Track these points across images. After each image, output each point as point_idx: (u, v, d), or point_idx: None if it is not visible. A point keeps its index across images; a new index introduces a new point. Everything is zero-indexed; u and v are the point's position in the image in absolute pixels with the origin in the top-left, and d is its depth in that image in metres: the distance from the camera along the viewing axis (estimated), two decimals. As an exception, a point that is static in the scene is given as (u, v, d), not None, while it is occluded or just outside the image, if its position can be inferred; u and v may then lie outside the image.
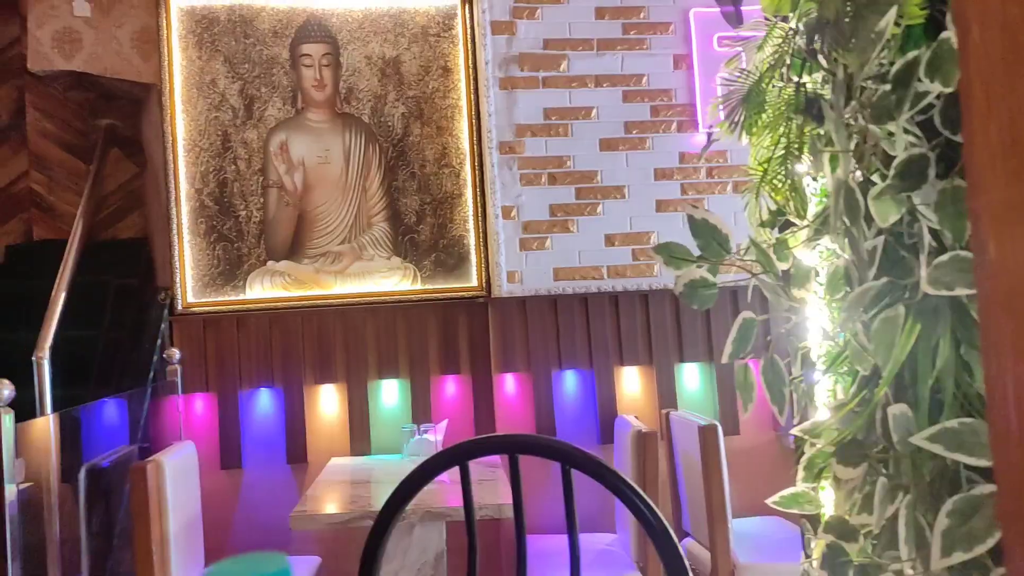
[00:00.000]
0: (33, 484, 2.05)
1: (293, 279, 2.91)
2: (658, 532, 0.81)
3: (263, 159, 2.89)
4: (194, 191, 2.86)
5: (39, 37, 2.77)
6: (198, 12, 2.85)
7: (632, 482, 0.85)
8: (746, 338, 0.88)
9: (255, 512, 2.81)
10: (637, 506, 0.83)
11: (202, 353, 2.83)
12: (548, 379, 2.85)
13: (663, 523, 0.81)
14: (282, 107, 2.90)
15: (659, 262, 2.86)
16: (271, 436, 2.85)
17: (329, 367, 2.87)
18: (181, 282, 2.84)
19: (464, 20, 2.95)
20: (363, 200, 2.94)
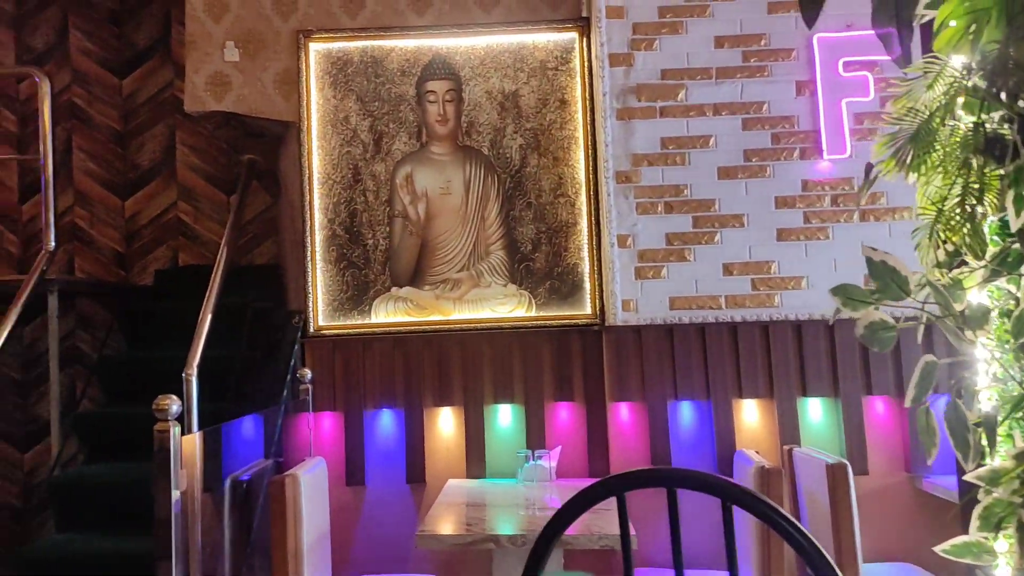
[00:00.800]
0: (184, 492, 2.23)
1: (415, 304, 3.04)
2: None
3: (390, 191, 3.05)
4: (326, 221, 3.05)
5: (195, 81, 3.05)
6: (334, 55, 3.06)
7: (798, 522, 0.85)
8: (928, 381, 0.87)
9: (377, 528, 2.92)
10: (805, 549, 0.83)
11: (331, 374, 2.99)
12: (664, 409, 2.83)
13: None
14: (408, 141, 3.06)
15: (780, 293, 2.80)
16: (392, 455, 2.97)
17: (448, 390, 2.96)
18: (313, 306, 3.02)
19: (582, 53, 3.02)
20: (481, 229, 3.04)
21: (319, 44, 3.05)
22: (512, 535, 2.16)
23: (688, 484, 0.91)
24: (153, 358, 3.47)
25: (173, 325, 3.57)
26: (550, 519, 1.00)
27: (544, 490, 2.71)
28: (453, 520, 2.38)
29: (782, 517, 0.86)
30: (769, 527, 0.86)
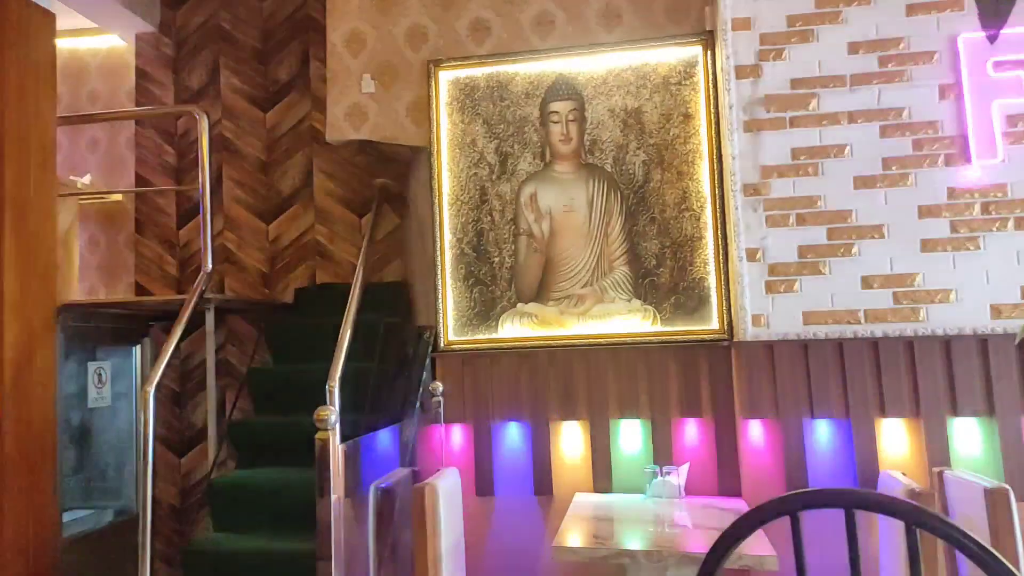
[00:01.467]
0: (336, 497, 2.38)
1: (540, 320, 3.10)
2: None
3: (515, 210, 3.14)
4: (455, 240, 3.17)
5: (335, 113, 3.27)
6: (462, 82, 3.20)
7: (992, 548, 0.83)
8: None
9: (506, 538, 2.99)
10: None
11: (460, 387, 3.10)
12: (799, 428, 2.74)
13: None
14: (532, 161, 3.14)
15: (926, 306, 2.66)
16: (520, 467, 3.03)
17: (573, 404, 3.01)
18: (443, 322, 3.15)
19: (706, 67, 3.01)
20: (605, 245, 3.08)
21: (448, 72, 3.20)
22: (648, 551, 2.17)
23: (871, 507, 0.91)
24: (294, 371, 3.72)
25: (311, 339, 3.82)
26: (721, 535, 1.01)
27: (673, 507, 2.69)
28: (584, 533, 2.40)
29: (972, 542, 0.84)
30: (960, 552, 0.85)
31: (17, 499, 2.99)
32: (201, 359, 4.16)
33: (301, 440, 3.43)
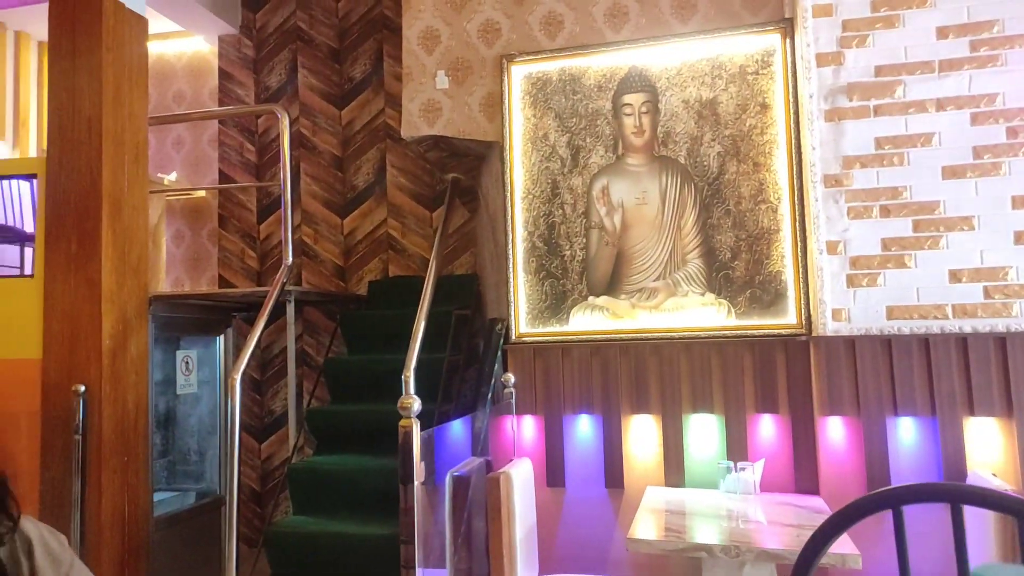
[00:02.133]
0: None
1: (611, 313, 3.10)
2: None
3: (586, 203, 3.15)
4: (527, 233, 3.20)
5: (410, 109, 3.34)
6: (534, 76, 3.22)
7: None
8: None
9: (576, 529, 3.02)
10: None
11: (532, 378, 3.13)
12: (881, 425, 2.67)
13: None
14: (604, 154, 3.14)
15: (1019, 301, 2.54)
16: (591, 459, 3.05)
17: (644, 398, 3.00)
18: (515, 314, 3.19)
19: (785, 56, 2.94)
20: (678, 238, 3.05)
21: (521, 67, 3.23)
22: (726, 546, 2.15)
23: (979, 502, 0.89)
24: (369, 361, 3.82)
25: (384, 331, 3.92)
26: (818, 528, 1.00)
27: (747, 503, 2.65)
28: (657, 527, 2.40)
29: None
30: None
31: (113, 478, 3.17)
32: (279, 349, 4.32)
33: (375, 428, 3.54)
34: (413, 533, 1.97)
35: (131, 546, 3.23)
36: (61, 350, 3.18)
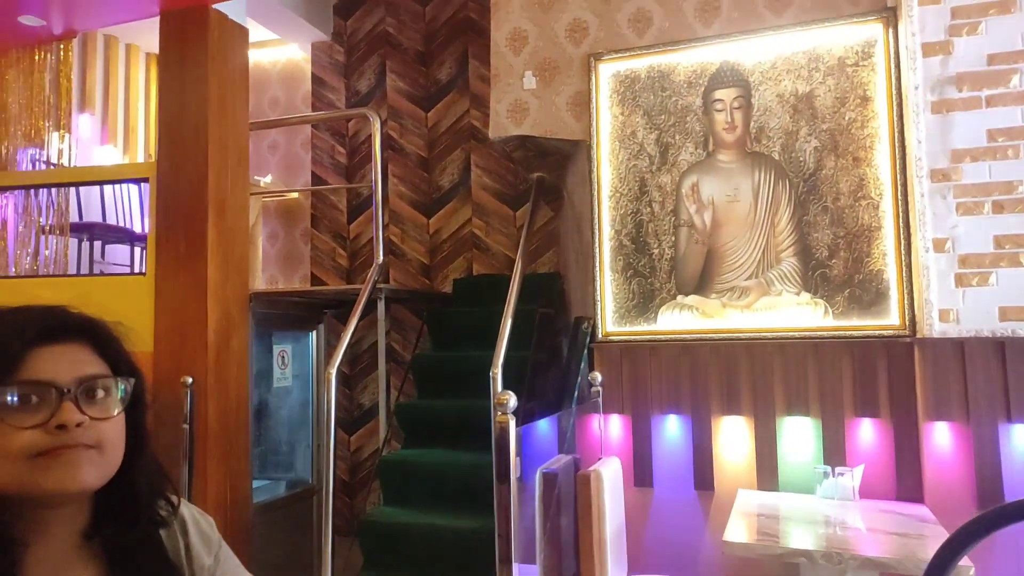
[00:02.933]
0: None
1: (701, 312, 3.06)
2: None
3: (675, 200, 3.11)
4: (614, 232, 3.19)
5: (498, 110, 3.38)
6: (622, 74, 3.21)
7: None
8: None
9: (664, 530, 2.99)
10: None
11: (618, 378, 3.12)
12: (993, 432, 2.53)
13: None
14: (694, 151, 3.10)
15: None
16: (679, 460, 3.01)
17: (736, 399, 2.94)
18: (601, 313, 3.19)
19: (887, 46, 2.83)
20: (771, 236, 2.98)
21: (608, 65, 3.22)
22: (827, 552, 2.09)
23: None
24: (454, 357, 3.90)
25: (469, 328, 3.99)
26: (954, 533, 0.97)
27: (845, 509, 2.57)
28: (750, 530, 2.36)
29: None
30: None
31: (218, 466, 3.35)
32: (368, 345, 4.46)
33: (461, 423, 3.60)
34: (510, 528, 2.00)
35: (234, 530, 3.40)
36: (171, 344, 3.38)
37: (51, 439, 0.75)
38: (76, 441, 0.77)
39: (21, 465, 0.75)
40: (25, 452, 0.75)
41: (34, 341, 0.78)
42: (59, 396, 0.77)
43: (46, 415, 0.76)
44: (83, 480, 0.77)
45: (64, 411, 0.76)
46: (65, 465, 0.76)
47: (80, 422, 0.77)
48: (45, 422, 0.76)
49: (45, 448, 0.75)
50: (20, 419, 0.75)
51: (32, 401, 0.76)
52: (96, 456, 0.79)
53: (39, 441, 0.75)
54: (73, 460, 0.76)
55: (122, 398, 0.83)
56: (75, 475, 0.77)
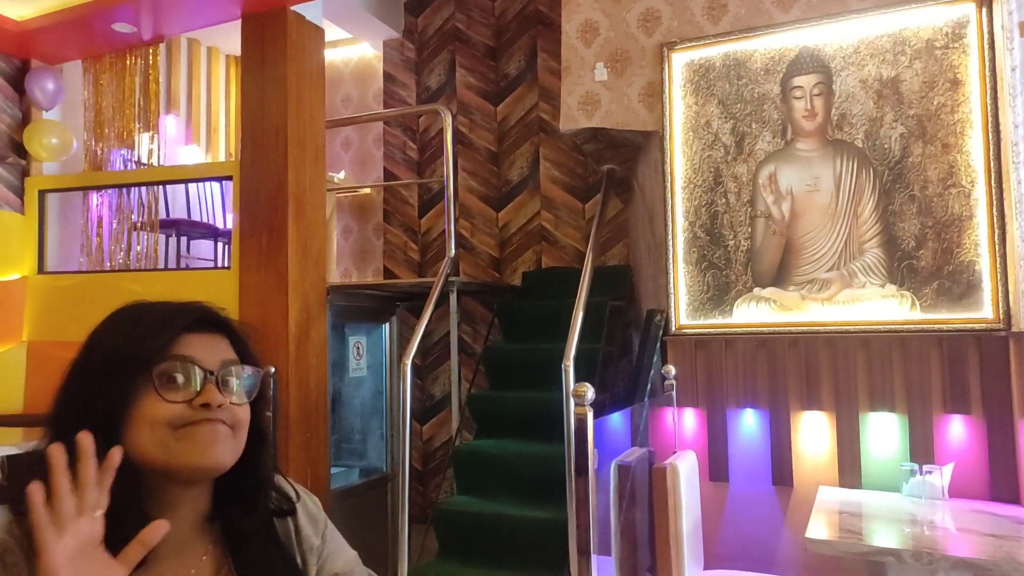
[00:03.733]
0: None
1: (779, 305, 3.00)
2: None
3: (752, 191, 3.05)
4: (687, 223, 3.16)
5: (568, 103, 3.38)
6: (696, 63, 3.16)
7: None
8: None
9: (741, 525, 2.95)
10: None
11: (692, 371, 3.09)
12: (1098, 431, 2.40)
13: None
14: (771, 140, 3.03)
15: None
16: (756, 455, 2.97)
17: (816, 394, 2.87)
18: (675, 306, 3.16)
19: (980, 26, 2.70)
20: (854, 226, 2.89)
21: (682, 54, 3.18)
22: (916, 551, 2.03)
23: None
24: (524, 349, 3.93)
25: (539, 320, 4.01)
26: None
27: (934, 508, 2.48)
28: (832, 527, 2.30)
29: None
30: None
31: (298, 453, 3.48)
32: (438, 337, 4.53)
33: (532, 414, 3.63)
34: (588, 519, 2.02)
35: (314, 515, 3.53)
36: (255, 335, 3.51)
37: (194, 414, 0.82)
38: (216, 419, 0.83)
39: (166, 434, 0.81)
40: (171, 422, 0.81)
41: (185, 327, 0.86)
42: (204, 377, 0.84)
43: (192, 392, 0.83)
44: (219, 456, 0.84)
45: (208, 391, 0.84)
46: (205, 440, 0.83)
47: (221, 403, 0.84)
48: (191, 399, 0.83)
49: (189, 421, 0.82)
50: (170, 392, 0.82)
51: (181, 378, 0.83)
52: (231, 436, 0.86)
53: (184, 414, 0.82)
54: (212, 436, 0.83)
55: (251, 388, 0.89)
56: (213, 450, 0.83)
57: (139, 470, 0.82)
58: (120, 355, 0.83)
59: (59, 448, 0.74)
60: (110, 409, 0.81)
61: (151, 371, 0.82)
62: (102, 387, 0.81)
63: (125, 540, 0.78)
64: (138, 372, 0.82)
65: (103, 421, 0.80)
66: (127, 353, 0.82)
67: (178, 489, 0.85)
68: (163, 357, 0.83)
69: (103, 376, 0.82)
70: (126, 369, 0.82)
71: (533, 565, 3.15)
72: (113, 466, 0.77)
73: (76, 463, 0.75)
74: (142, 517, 0.81)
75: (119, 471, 0.79)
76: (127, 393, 0.81)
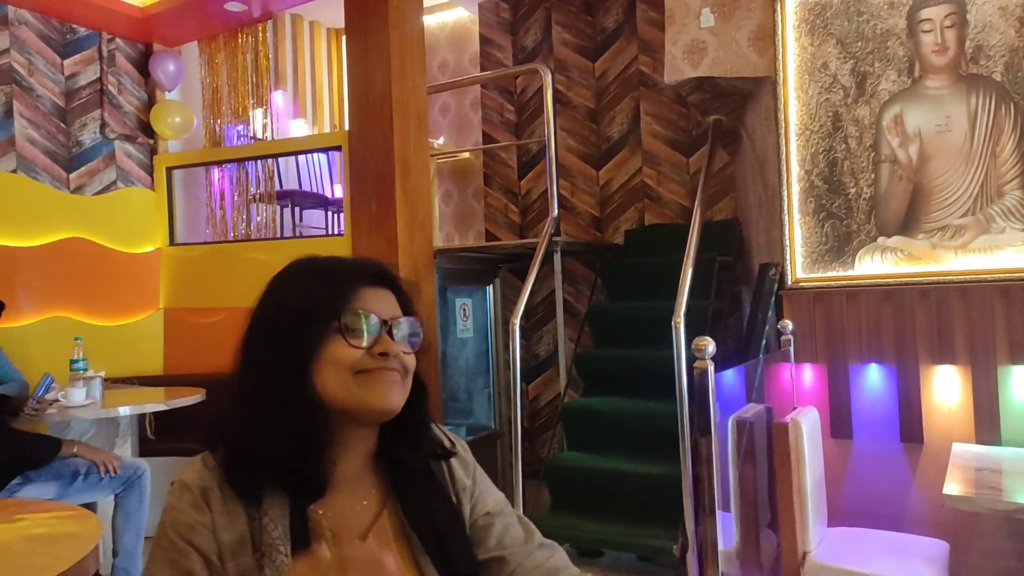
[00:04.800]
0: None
1: (905, 255, 2.84)
2: None
3: (875, 134, 2.88)
4: (803, 173, 3.02)
5: (673, 52, 3.28)
6: (811, 1, 2.98)
7: None
8: None
9: (865, 483, 2.86)
10: None
11: (811, 326, 2.99)
12: None
13: None
14: (896, 79, 2.84)
15: None
16: (882, 412, 2.85)
17: (948, 348, 2.72)
18: (791, 259, 3.05)
19: None
20: (991, 167, 2.68)
21: (796, -7, 3.01)
22: (1071, 510, 1.91)
23: None
24: (629, 308, 3.91)
25: (643, 279, 3.97)
26: None
27: (1084, 467, 2.32)
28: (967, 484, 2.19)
29: None
30: None
31: (415, 409, 3.61)
32: (541, 297, 4.57)
33: (639, 372, 3.62)
34: (712, 476, 2.01)
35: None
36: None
37: (373, 361, 0.89)
38: (392, 366, 0.89)
39: (348, 378, 0.88)
40: (353, 367, 0.88)
41: (364, 281, 0.93)
42: (381, 327, 0.90)
43: (371, 340, 0.89)
44: (393, 399, 0.90)
45: (384, 340, 0.90)
46: (382, 385, 0.89)
47: (395, 352, 0.89)
48: (370, 346, 0.89)
49: (368, 367, 0.89)
50: (354, 339, 0.89)
51: (362, 327, 0.89)
52: (402, 383, 0.92)
53: (364, 361, 0.89)
54: (388, 382, 0.89)
55: (416, 339, 0.95)
56: (389, 394, 0.90)
57: (324, 410, 0.88)
58: (311, 305, 0.90)
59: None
60: (304, 354, 0.88)
61: (339, 320, 0.88)
62: (296, 334, 0.88)
63: (301, 473, 0.87)
64: (328, 320, 0.88)
65: (297, 365, 0.88)
66: (317, 303, 0.89)
67: (354, 429, 0.92)
68: (348, 308, 0.89)
69: (296, 324, 0.89)
70: (317, 318, 0.89)
71: (647, 520, 3.18)
72: None
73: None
74: (320, 452, 0.89)
75: (308, 408, 0.87)
76: (318, 339, 0.88)
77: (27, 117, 3.72)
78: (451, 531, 0.95)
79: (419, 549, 0.92)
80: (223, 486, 0.86)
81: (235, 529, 0.84)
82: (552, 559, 1.01)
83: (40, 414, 2.76)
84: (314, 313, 0.89)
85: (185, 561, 0.82)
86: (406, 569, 0.91)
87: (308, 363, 0.88)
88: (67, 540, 1.27)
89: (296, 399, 0.87)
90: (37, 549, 1.33)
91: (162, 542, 0.84)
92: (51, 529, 1.40)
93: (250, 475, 0.86)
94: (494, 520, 1.01)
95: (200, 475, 0.87)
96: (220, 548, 0.83)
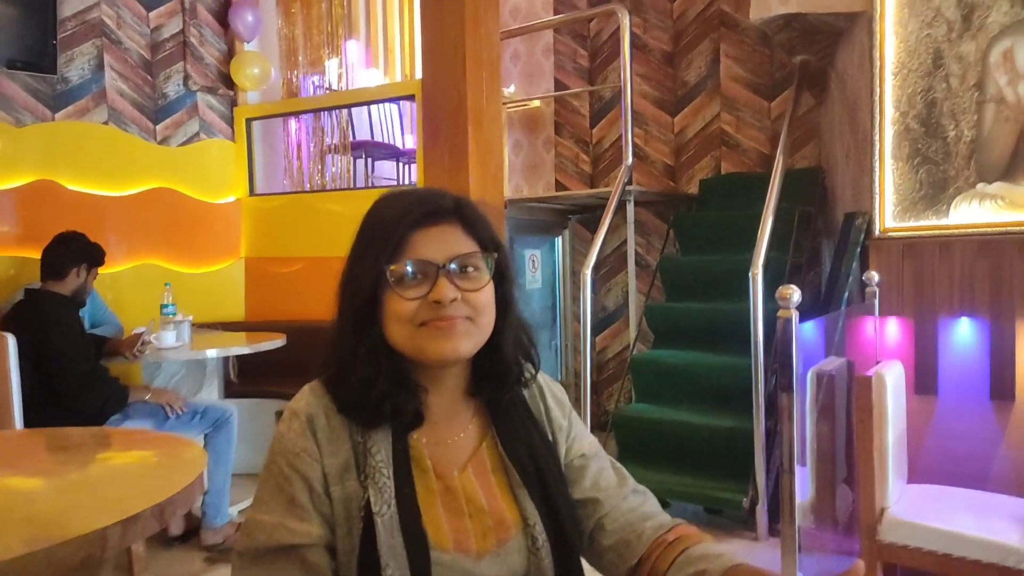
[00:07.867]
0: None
1: (1008, 203, 2.66)
2: None
3: (980, 72, 2.68)
4: (898, 115, 2.85)
5: (758, -11, 3.11)
6: (914, -73, 2.76)
7: None
8: None
9: (949, 441, 2.75)
10: None
11: (899, 277, 2.85)
12: None
13: None
14: (1008, 10, 2.61)
15: None
16: (971, 367, 2.72)
17: (1051, 302, 2.55)
18: (880, 207, 2.90)
19: None
20: (1113, 107, 2.46)
21: (897, -82, 2.79)
22: None
23: None
24: (703, 260, 3.82)
25: (718, 230, 3.86)
26: None
27: None
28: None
29: None
30: None
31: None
32: (611, 249, 4.52)
33: (711, 326, 3.55)
34: (792, 430, 1.96)
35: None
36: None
37: (430, 311, 0.86)
38: (451, 315, 0.86)
39: (410, 329, 0.87)
40: (412, 319, 0.87)
41: (414, 224, 0.88)
42: (435, 272, 0.87)
43: (425, 289, 0.87)
44: (457, 349, 0.87)
45: (439, 287, 0.86)
46: (442, 336, 0.87)
47: (454, 297, 0.86)
48: (424, 295, 0.86)
49: (425, 319, 0.87)
50: (407, 291, 0.87)
51: (416, 277, 0.87)
52: (470, 327, 0.88)
53: (420, 312, 0.87)
54: (449, 331, 0.86)
55: (489, 270, 0.91)
56: (451, 345, 0.87)
57: (398, 355, 0.90)
58: (363, 258, 0.89)
59: None
60: (369, 305, 0.88)
61: (386, 274, 0.87)
62: (358, 287, 0.88)
63: (400, 405, 0.88)
64: (378, 275, 0.87)
65: (365, 316, 0.89)
66: (368, 256, 0.88)
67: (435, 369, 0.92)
68: (394, 259, 0.87)
69: (357, 278, 0.89)
70: (370, 272, 0.87)
71: (716, 472, 3.16)
72: None
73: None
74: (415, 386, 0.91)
75: (382, 356, 0.88)
76: (375, 292, 0.88)
77: (117, 70, 3.86)
78: (548, 467, 0.95)
79: (517, 483, 0.92)
80: (329, 413, 0.88)
81: (340, 454, 0.87)
82: (645, 505, 1.00)
83: (141, 355, 2.91)
84: (367, 267, 0.88)
85: (289, 487, 0.85)
86: (504, 502, 0.92)
87: (377, 314, 0.88)
88: (176, 466, 1.36)
89: (369, 348, 0.88)
90: (150, 472, 1.43)
91: (271, 467, 0.87)
92: (161, 457, 1.50)
93: (351, 402, 0.88)
94: (589, 462, 1.01)
95: (308, 403, 0.90)
96: (325, 474, 0.86)
